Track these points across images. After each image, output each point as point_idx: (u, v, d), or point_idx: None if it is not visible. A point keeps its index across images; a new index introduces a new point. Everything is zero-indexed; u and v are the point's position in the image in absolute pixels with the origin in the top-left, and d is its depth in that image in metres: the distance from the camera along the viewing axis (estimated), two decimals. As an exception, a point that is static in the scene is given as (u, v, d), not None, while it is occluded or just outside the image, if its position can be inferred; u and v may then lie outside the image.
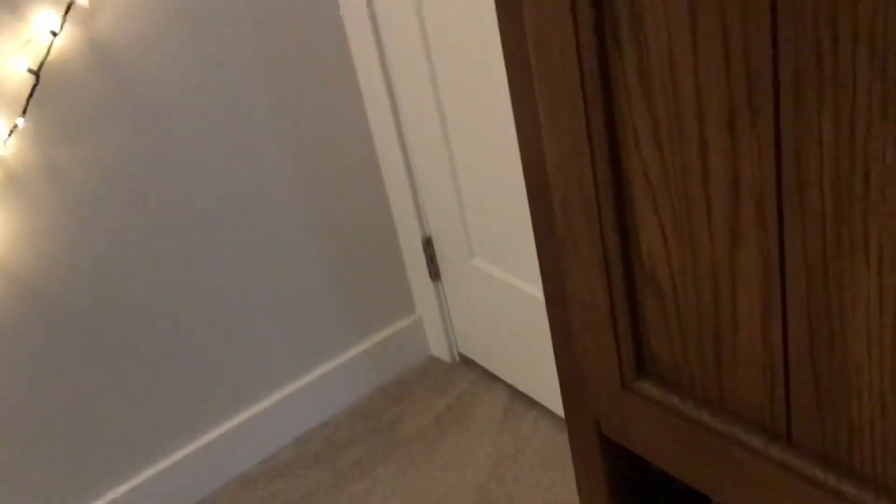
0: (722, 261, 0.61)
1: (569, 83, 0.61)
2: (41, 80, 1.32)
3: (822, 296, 0.56)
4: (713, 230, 0.60)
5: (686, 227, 0.61)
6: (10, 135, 1.33)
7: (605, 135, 0.61)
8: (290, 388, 1.82)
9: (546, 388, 1.70)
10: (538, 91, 0.63)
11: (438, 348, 1.98)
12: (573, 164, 0.63)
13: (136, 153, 1.49)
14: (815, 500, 0.62)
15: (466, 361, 1.96)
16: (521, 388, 1.82)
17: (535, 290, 1.56)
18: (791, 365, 0.60)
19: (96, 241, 1.49)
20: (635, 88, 0.59)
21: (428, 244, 1.85)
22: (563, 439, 1.69)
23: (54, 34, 1.32)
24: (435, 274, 1.88)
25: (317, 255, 1.78)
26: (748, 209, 0.57)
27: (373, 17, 1.63)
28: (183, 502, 1.71)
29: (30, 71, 1.31)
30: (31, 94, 1.32)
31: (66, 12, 1.32)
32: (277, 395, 1.81)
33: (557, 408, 1.68)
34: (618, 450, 0.81)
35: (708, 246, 0.61)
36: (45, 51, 1.31)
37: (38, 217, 1.42)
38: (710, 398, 0.67)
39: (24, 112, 1.33)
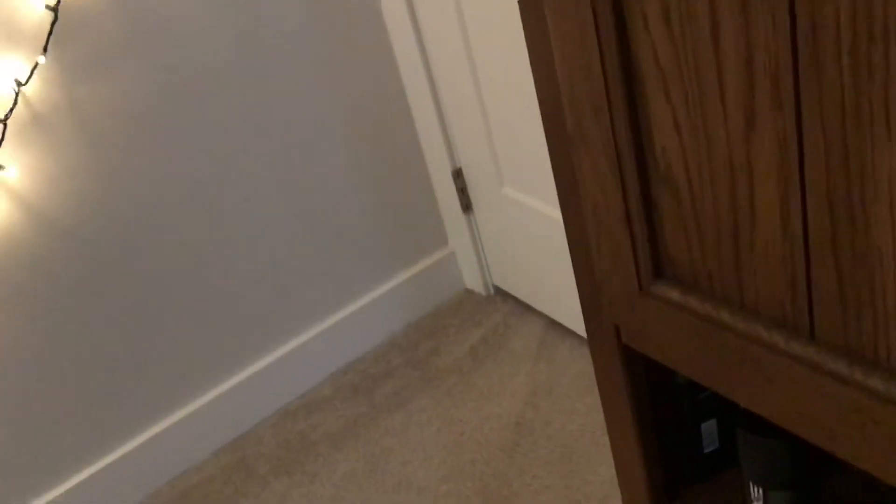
0: (738, 149, 0.58)
1: (571, -35, 0.58)
2: (59, 16, 1.31)
3: (843, 178, 0.53)
4: (728, 116, 0.57)
5: (700, 114, 0.58)
6: (31, 73, 1.33)
7: (612, 17, 0.58)
8: (326, 324, 1.83)
9: (581, 316, 1.67)
10: (541, -23, 0.60)
11: (472, 281, 1.97)
12: (579, 53, 0.60)
13: (161, 88, 1.48)
14: (841, 396, 0.60)
15: (501, 293, 1.94)
16: (556, 317, 1.81)
17: (566, 216, 1.53)
18: (812, 255, 0.57)
19: (124, 177, 1.49)
20: (641, -34, 0.55)
21: (458, 176, 1.83)
22: (598, 367, 1.68)
23: (70, -31, 1.31)
24: (466, 206, 1.86)
25: (347, 193, 1.77)
26: (763, 89, 0.54)
27: (393, -58, 1.59)
28: (225, 436, 1.74)
29: (47, 7, 1.31)
30: (50, 32, 1.32)
31: (81, -54, 1.30)
32: (314, 331, 1.82)
33: (592, 336, 1.66)
34: (639, 359, 0.79)
35: (723, 134, 0.58)
36: (61, -14, 1.31)
37: (64, 155, 1.42)
38: (730, 297, 0.64)
39: (45, 49, 1.33)
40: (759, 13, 0.52)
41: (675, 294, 0.68)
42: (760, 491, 0.75)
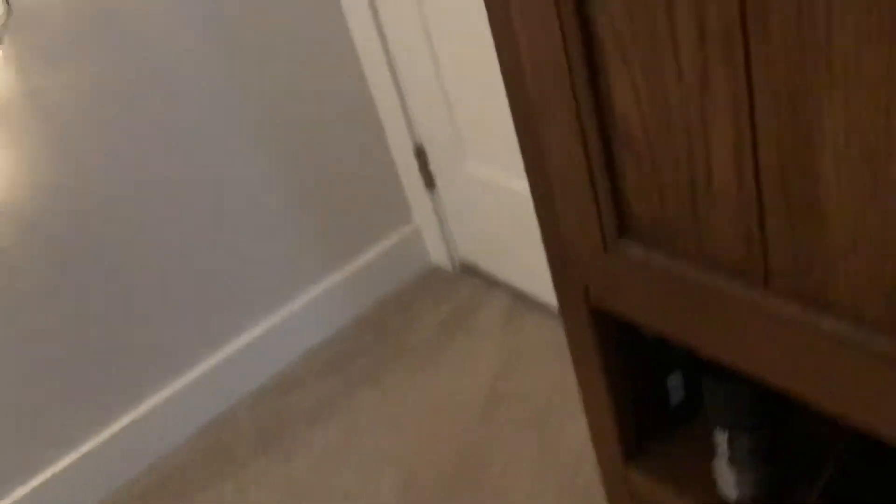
0: (693, 108, 0.61)
1: (529, -63, 0.60)
2: (13, 4, 1.30)
3: (791, 127, 0.56)
4: (682, 75, 0.60)
5: (656, 76, 0.61)
6: (-12, 63, 1.32)
7: (569, -13, 0.60)
8: (296, 304, 1.85)
9: (548, 286, 1.71)
10: (499, -51, 0.62)
11: (439, 257, 1.99)
12: (539, 20, 0.63)
13: (118, 77, 1.48)
14: (795, 338, 0.63)
15: (467, 268, 1.97)
16: (523, 289, 1.84)
17: (529, 188, 1.56)
18: (765, 203, 0.60)
19: (82, 168, 1.49)
20: (595, -65, 0.58)
21: (420, 153, 1.85)
22: (566, 334, 1.72)
23: (22, -43, 1.29)
24: (429, 182, 1.89)
25: (310, 173, 1.78)
26: (715, 48, 0.57)
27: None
28: (200, 420, 1.75)
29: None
30: (4, 22, 1.31)
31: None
32: (284, 312, 1.83)
33: (559, 304, 1.70)
34: (608, 317, 0.82)
35: (678, 94, 0.61)
36: (14, -25, 1.29)
37: (24, 146, 1.42)
38: (690, 250, 0.68)
39: None
40: (708, -23, 0.54)
41: (638, 251, 0.71)
42: (726, 435, 0.79)
